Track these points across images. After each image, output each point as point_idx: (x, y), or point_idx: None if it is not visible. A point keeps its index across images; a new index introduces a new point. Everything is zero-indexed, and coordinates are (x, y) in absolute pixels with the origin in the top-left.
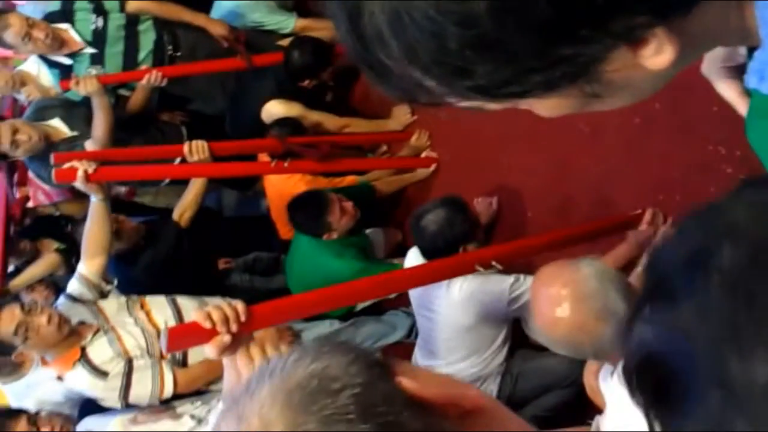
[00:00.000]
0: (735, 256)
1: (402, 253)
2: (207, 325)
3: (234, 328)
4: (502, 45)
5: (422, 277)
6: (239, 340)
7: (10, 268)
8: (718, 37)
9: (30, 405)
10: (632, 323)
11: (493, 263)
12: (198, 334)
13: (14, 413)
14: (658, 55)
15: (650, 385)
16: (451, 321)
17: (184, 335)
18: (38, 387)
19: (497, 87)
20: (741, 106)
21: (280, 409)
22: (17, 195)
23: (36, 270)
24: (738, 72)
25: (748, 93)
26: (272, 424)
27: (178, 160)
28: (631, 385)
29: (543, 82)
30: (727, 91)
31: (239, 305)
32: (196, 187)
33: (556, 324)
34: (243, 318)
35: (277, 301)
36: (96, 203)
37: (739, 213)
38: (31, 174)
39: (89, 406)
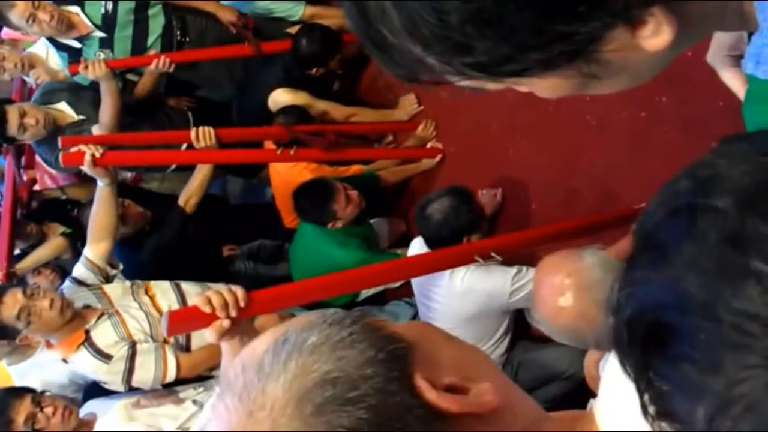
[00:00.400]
0: (720, 201)
1: (406, 243)
2: (207, 309)
3: (233, 313)
4: (501, 20)
5: (421, 266)
6: (239, 325)
7: (16, 252)
8: (716, 20)
9: (34, 384)
10: (622, 282)
11: (493, 254)
12: (198, 319)
13: (18, 393)
14: (655, 36)
15: (641, 336)
16: (453, 311)
17: (184, 319)
18: (44, 367)
19: (496, 64)
20: (744, 95)
21: (290, 414)
22: (25, 178)
23: (42, 253)
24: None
25: None
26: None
27: (184, 146)
28: (622, 343)
29: (541, 60)
30: (731, 80)
31: (239, 291)
32: (202, 173)
33: (559, 313)
34: (242, 303)
35: (276, 288)
36: (103, 188)
37: (719, 164)
38: (38, 157)
39: (93, 390)
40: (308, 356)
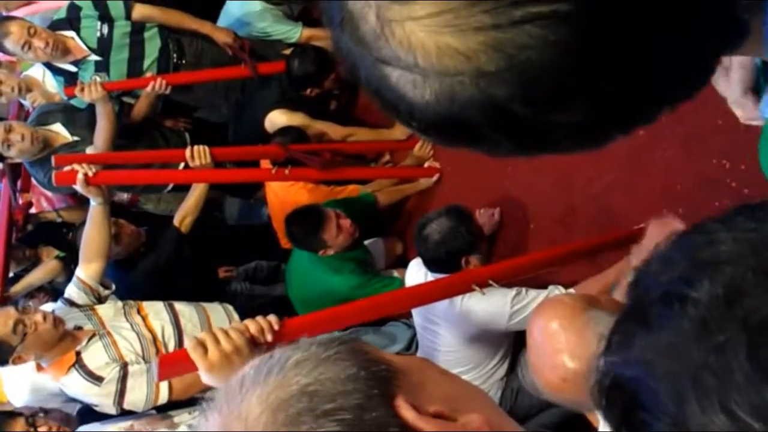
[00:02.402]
0: (711, 294)
1: (403, 263)
2: (199, 351)
3: (269, 338)
4: None
5: (420, 296)
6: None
7: (10, 275)
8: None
9: (24, 389)
10: (609, 342)
11: (491, 282)
12: (188, 362)
13: (12, 414)
14: None
15: (619, 408)
16: (452, 334)
17: (176, 362)
18: (35, 373)
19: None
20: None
21: (264, 422)
22: (20, 201)
23: (35, 277)
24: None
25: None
26: None
27: (181, 166)
28: (602, 405)
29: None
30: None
31: (272, 318)
32: (197, 192)
33: (560, 390)
34: (275, 328)
35: (308, 315)
36: (95, 207)
37: (724, 246)
38: (33, 180)
39: (87, 415)
40: (289, 371)
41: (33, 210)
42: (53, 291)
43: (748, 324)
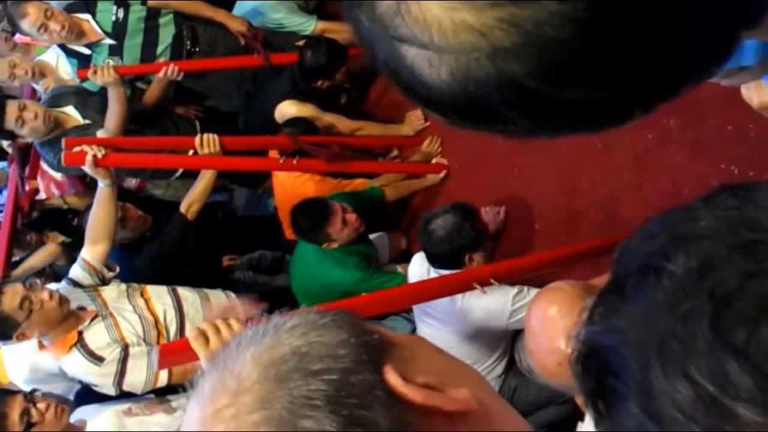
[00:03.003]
0: (686, 267)
1: (407, 258)
2: (200, 341)
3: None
4: None
5: (421, 293)
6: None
7: (15, 260)
8: None
9: (23, 367)
10: (591, 313)
11: (492, 281)
12: (189, 352)
13: (9, 391)
14: None
15: (593, 376)
16: (452, 330)
17: (176, 352)
18: (35, 351)
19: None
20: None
21: (255, 379)
22: (27, 188)
23: (35, 260)
24: None
25: None
26: (244, 392)
27: (191, 153)
28: (578, 372)
29: None
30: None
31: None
32: (204, 180)
33: (558, 375)
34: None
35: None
36: (103, 188)
37: (704, 222)
38: (43, 165)
39: (84, 397)
40: (283, 333)
41: (41, 196)
42: (54, 275)
43: (714, 295)
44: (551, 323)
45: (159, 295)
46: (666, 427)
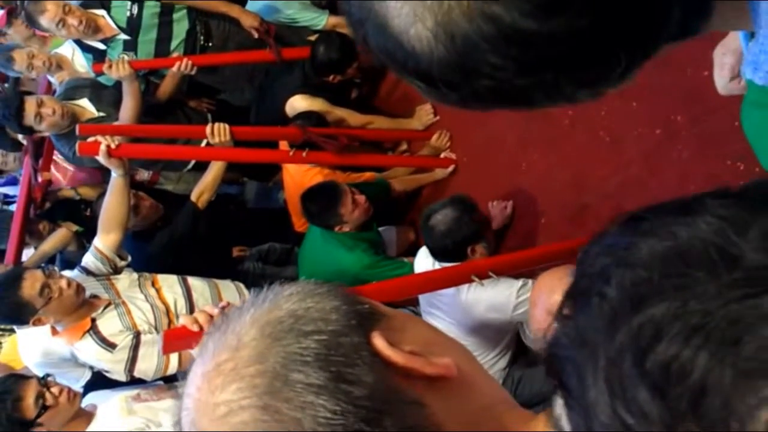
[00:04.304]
0: (621, 296)
1: (415, 252)
2: (195, 328)
3: None
4: None
5: (421, 285)
6: None
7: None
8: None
9: (36, 351)
10: (559, 311)
11: (491, 273)
12: (194, 337)
13: (24, 376)
14: None
15: (554, 378)
16: (457, 322)
17: (179, 338)
18: (49, 337)
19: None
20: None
21: (253, 335)
22: (40, 179)
23: (47, 246)
24: None
25: None
26: (242, 348)
27: (203, 143)
28: (545, 370)
29: None
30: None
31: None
32: (215, 169)
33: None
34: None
35: None
36: (116, 178)
37: (644, 248)
38: (58, 157)
39: (95, 383)
40: (281, 299)
41: (64, 184)
42: (65, 262)
43: (642, 329)
44: (554, 287)
45: (170, 285)
46: None
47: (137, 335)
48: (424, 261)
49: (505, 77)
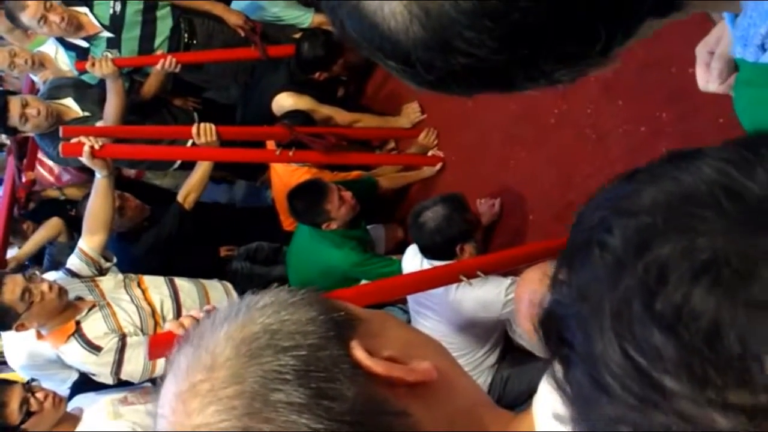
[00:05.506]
0: (625, 243)
1: (403, 250)
2: (180, 332)
3: None
4: None
5: (409, 285)
6: None
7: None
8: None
9: (21, 354)
10: (553, 279)
11: (479, 273)
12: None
13: (8, 381)
14: None
15: (552, 342)
16: (446, 319)
17: (165, 343)
18: (34, 340)
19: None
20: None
21: (228, 355)
22: (24, 179)
23: (39, 236)
24: None
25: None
26: (218, 368)
27: (189, 143)
28: (540, 337)
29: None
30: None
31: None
32: (201, 169)
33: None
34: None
35: None
36: (100, 179)
37: (645, 195)
38: (43, 157)
39: (81, 386)
40: (255, 312)
41: (57, 182)
42: (52, 263)
43: (648, 272)
44: (538, 282)
45: (156, 286)
46: (608, 396)
47: (123, 337)
48: (412, 259)
49: (483, 54)
